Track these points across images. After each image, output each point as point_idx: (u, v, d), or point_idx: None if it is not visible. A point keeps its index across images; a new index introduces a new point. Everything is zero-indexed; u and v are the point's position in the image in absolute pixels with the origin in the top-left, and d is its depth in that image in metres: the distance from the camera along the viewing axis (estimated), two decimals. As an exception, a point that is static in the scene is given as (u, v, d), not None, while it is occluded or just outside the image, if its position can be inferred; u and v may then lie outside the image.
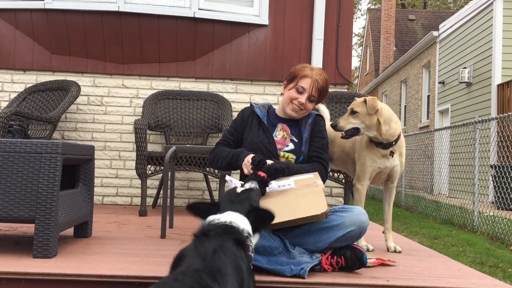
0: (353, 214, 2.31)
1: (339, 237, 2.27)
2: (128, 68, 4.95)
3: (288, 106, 2.53)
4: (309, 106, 2.54)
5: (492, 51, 11.24)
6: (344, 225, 2.27)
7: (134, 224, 3.57)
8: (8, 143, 2.35)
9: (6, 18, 4.92)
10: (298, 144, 2.52)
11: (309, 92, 2.50)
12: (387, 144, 2.77)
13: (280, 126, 2.57)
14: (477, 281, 2.27)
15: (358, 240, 2.86)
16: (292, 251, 2.22)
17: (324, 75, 2.56)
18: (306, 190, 2.20)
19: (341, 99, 4.60)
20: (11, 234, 2.96)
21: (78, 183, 2.85)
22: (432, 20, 23.57)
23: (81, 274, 2.05)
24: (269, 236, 2.20)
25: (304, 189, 2.21)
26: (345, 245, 2.32)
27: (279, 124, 2.57)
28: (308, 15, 5.01)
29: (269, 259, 2.16)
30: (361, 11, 40.22)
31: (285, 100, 2.54)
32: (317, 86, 2.50)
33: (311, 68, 2.55)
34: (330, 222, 2.27)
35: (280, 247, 2.20)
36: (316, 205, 2.15)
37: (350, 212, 2.32)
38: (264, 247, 2.16)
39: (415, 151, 10.28)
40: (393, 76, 20.30)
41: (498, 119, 6.60)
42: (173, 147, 3.13)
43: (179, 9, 4.82)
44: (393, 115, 2.81)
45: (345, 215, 2.30)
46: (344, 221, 2.28)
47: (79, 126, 4.96)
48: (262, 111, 2.58)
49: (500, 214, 6.21)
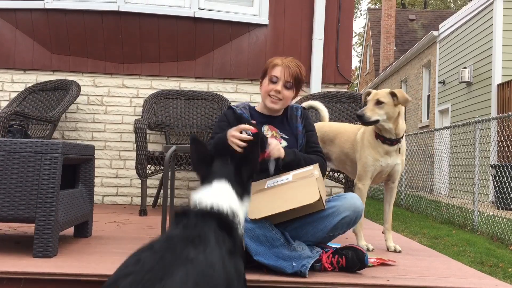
0: (346, 199, 2.33)
1: (336, 223, 2.27)
2: (128, 67, 4.95)
3: (267, 99, 2.49)
4: (287, 93, 2.47)
5: (492, 50, 11.24)
6: (338, 212, 2.28)
7: (134, 224, 3.57)
8: (8, 143, 2.35)
9: (6, 18, 4.92)
10: (291, 140, 2.51)
11: (283, 80, 2.45)
12: (395, 140, 2.79)
13: (267, 127, 2.53)
14: (477, 280, 2.27)
15: (359, 241, 2.87)
16: (293, 243, 2.22)
17: (295, 62, 2.52)
18: (300, 181, 2.21)
19: (341, 99, 4.60)
20: (11, 233, 2.96)
21: (78, 183, 2.85)
22: (432, 20, 23.57)
23: (81, 274, 2.05)
24: (271, 227, 2.20)
25: (299, 181, 2.22)
26: (347, 245, 2.32)
27: (265, 126, 2.53)
28: (308, 14, 5.01)
29: (272, 250, 2.17)
30: (361, 10, 40.24)
31: (263, 95, 2.50)
32: (290, 72, 2.45)
33: (281, 58, 2.53)
34: (325, 211, 2.28)
35: (281, 238, 2.20)
36: (308, 194, 2.14)
37: (343, 198, 2.34)
38: (266, 237, 2.16)
39: (415, 150, 10.28)
40: (393, 76, 20.30)
41: (498, 118, 6.60)
42: (173, 147, 3.13)
43: (179, 8, 4.82)
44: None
45: (339, 202, 2.32)
46: (338, 208, 2.29)
47: (79, 125, 4.96)
48: (245, 113, 2.54)
49: (500, 214, 6.21)
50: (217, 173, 1.73)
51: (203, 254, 1.33)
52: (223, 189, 1.67)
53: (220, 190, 1.66)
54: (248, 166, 1.79)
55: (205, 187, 1.68)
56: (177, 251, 1.31)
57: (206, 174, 1.76)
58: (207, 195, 1.63)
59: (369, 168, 2.83)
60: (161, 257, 1.26)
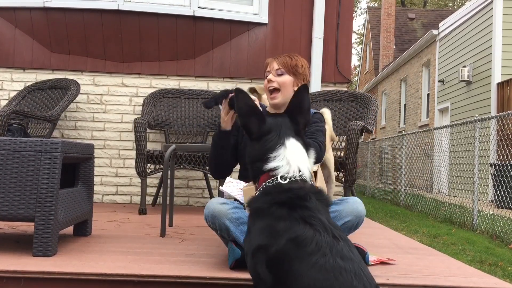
0: (348, 204, 2.30)
1: None
2: (128, 66, 4.94)
3: (268, 98, 2.44)
4: (280, 80, 2.37)
5: (491, 49, 11.24)
6: (340, 216, 2.26)
7: (134, 223, 3.57)
8: (7, 142, 2.34)
9: (6, 17, 4.91)
10: None
11: (273, 70, 2.39)
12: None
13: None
14: (476, 279, 2.27)
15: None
16: None
17: (289, 54, 2.46)
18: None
19: (341, 98, 4.60)
20: (10, 232, 2.96)
21: (78, 182, 2.85)
22: (432, 19, 23.56)
23: (80, 273, 2.05)
24: None
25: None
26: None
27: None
28: (307, 13, 5.01)
29: None
30: (360, 9, 40.21)
31: (266, 95, 2.46)
32: (278, 61, 2.39)
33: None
34: None
35: None
36: None
37: (346, 203, 2.31)
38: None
39: (415, 149, 10.28)
40: (392, 75, 20.30)
41: (498, 117, 6.60)
42: (172, 146, 3.12)
43: (178, 7, 4.81)
44: None
45: (341, 206, 2.29)
46: (340, 212, 2.27)
47: (78, 124, 4.95)
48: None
49: (499, 213, 6.22)
50: (281, 129, 1.58)
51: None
52: (298, 150, 1.56)
53: (296, 151, 1.55)
54: (302, 115, 1.66)
55: (279, 149, 1.55)
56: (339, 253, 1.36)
57: (264, 129, 1.60)
58: (292, 160, 1.53)
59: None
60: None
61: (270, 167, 1.53)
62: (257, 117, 1.61)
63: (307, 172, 1.56)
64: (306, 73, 2.44)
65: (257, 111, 1.62)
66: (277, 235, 1.42)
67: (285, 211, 1.45)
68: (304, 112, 1.70)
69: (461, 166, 7.80)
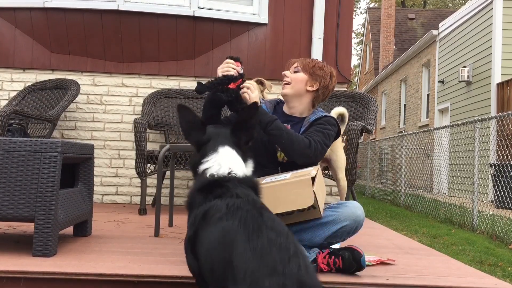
0: (347, 208, 2.27)
1: (334, 231, 2.23)
2: (128, 67, 4.94)
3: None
4: (294, 76, 2.44)
5: (491, 50, 11.24)
6: (338, 220, 2.24)
7: (134, 223, 3.57)
8: (7, 142, 2.34)
9: (6, 17, 4.91)
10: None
11: (291, 67, 2.48)
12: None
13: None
14: (476, 280, 2.27)
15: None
16: None
17: (314, 59, 2.54)
18: (294, 179, 2.14)
19: (341, 98, 4.60)
20: (10, 232, 2.96)
21: (78, 182, 2.85)
22: (432, 19, 23.57)
23: (80, 273, 2.05)
24: None
25: (293, 179, 2.14)
26: (344, 246, 2.31)
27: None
28: (307, 14, 5.01)
29: None
30: (360, 8, 40.23)
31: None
32: (300, 60, 2.48)
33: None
34: (325, 218, 2.24)
35: None
36: (302, 196, 2.09)
37: (345, 207, 2.29)
38: None
39: (415, 150, 10.28)
40: (392, 75, 20.29)
41: (498, 118, 6.60)
42: (166, 146, 3.15)
43: (178, 7, 4.81)
44: None
45: (340, 210, 2.27)
46: (338, 216, 2.25)
47: (78, 125, 4.95)
48: (268, 107, 2.51)
49: (499, 213, 6.22)
50: (218, 139, 1.71)
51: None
52: (232, 155, 1.67)
53: (229, 156, 1.67)
54: (245, 132, 1.77)
55: (211, 154, 1.68)
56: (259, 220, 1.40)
57: (202, 141, 1.73)
58: (223, 162, 1.64)
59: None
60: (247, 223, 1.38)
61: (202, 168, 1.67)
62: (197, 131, 1.76)
63: (240, 173, 1.65)
64: (326, 78, 2.45)
65: (196, 126, 1.76)
66: (195, 220, 1.53)
67: (202, 196, 1.57)
68: (249, 129, 1.79)
69: (461, 166, 7.80)
